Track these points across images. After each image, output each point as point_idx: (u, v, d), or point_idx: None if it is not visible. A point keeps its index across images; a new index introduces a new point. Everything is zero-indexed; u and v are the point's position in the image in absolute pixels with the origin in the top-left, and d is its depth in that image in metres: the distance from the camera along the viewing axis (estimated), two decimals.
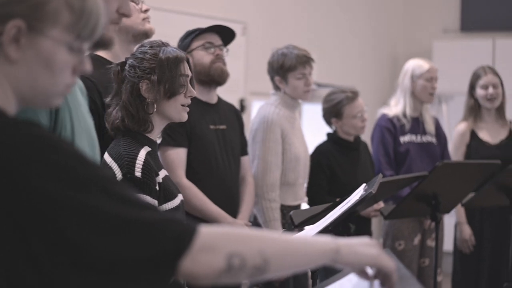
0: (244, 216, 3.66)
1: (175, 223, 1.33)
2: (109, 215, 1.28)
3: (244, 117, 6.11)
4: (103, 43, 1.87)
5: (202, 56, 3.57)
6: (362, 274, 1.53)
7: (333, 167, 4.25)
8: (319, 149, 4.37)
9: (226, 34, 3.75)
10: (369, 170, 4.37)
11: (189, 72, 2.67)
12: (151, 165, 2.49)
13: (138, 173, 2.44)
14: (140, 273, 1.30)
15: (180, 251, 1.31)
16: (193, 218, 2.90)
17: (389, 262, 1.50)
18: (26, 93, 1.37)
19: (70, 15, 1.38)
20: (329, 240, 1.47)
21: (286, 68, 4.01)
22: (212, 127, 3.59)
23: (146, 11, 2.97)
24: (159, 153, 2.89)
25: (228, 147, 3.65)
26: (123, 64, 2.62)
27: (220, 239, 1.35)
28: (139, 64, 2.59)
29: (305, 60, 4.03)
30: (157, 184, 2.49)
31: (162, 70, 2.58)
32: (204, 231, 1.34)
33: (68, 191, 1.26)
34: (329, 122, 4.38)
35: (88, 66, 1.46)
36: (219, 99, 3.74)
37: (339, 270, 1.60)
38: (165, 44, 2.66)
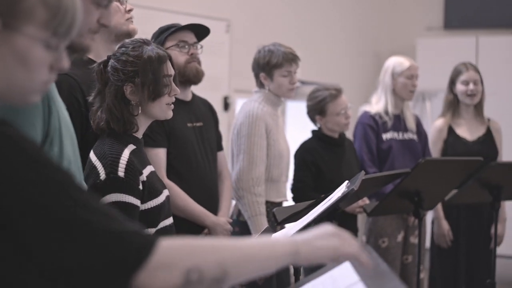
0: (224, 213, 3.66)
1: (135, 235, 1.32)
2: (65, 221, 1.27)
3: (228, 114, 6.14)
4: (80, 50, 1.85)
5: (176, 55, 3.47)
6: (334, 260, 1.54)
7: (318, 164, 4.26)
8: (304, 146, 4.39)
9: (200, 30, 3.70)
10: (354, 167, 4.39)
11: (172, 71, 2.68)
12: (135, 165, 2.51)
13: (121, 173, 2.46)
14: (93, 282, 1.29)
15: (137, 264, 1.30)
16: (176, 217, 2.90)
17: (351, 247, 1.51)
18: (1, 89, 1.37)
19: (45, 12, 1.38)
20: (288, 242, 1.47)
21: (272, 65, 4.01)
22: (189, 124, 3.58)
23: (129, 11, 2.97)
24: None
25: (206, 144, 3.64)
26: (105, 63, 2.62)
27: (179, 253, 1.35)
28: (123, 67, 2.59)
29: (291, 58, 4.04)
30: (140, 184, 2.51)
31: (146, 73, 2.59)
32: (164, 245, 1.33)
33: (28, 195, 1.26)
34: (313, 119, 4.40)
35: (65, 63, 1.45)
36: (193, 96, 3.72)
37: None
38: (146, 43, 2.66)
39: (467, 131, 4.91)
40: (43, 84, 1.44)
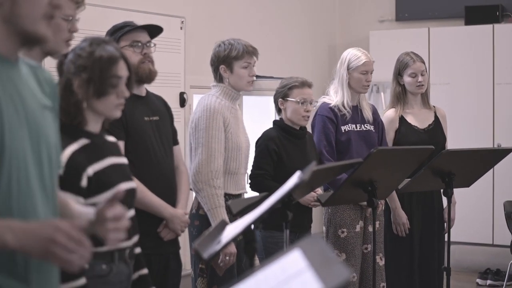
0: (182, 206, 3.71)
1: None
2: None
3: (185, 110, 6.16)
4: (36, 40, 1.85)
5: (129, 55, 3.43)
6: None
7: (280, 153, 4.32)
8: (267, 134, 4.43)
9: (153, 28, 3.74)
10: (314, 159, 4.41)
11: (123, 73, 2.71)
12: (76, 162, 2.56)
13: (60, 170, 2.49)
14: None
15: None
16: (136, 210, 2.94)
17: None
18: None
19: None
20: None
21: (233, 57, 4.07)
22: (146, 118, 3.61)
23: (74, 31, 2.99)
24: None
25: (163, 137, 3.68)
26: (65, 56, 2.67)
27: None
28: (75, 60, 2.65)
29: (251, 51, 4.12)
30: (83, 180, 2.56)
31: (93, 69, 2.65)
32: None
33: None
34: (277, 105, 4.45)
35: None
36: (147, 91, 3.75)
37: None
38: (105, 42, 2.70)
39: (417, 120, 5.00)
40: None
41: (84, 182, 2.56)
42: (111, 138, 2.83)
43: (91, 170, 2.60)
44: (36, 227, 1.70)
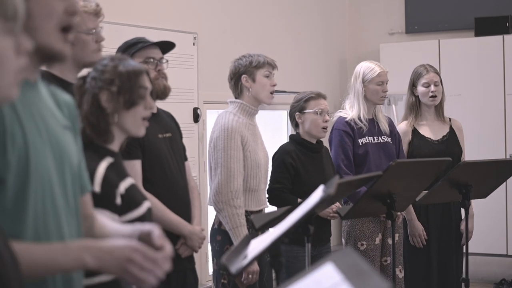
0: (198, 222, 3.73)
1: None
2: None
3: (198, 125, 6.19)
4: (52, 55, 1.85)
5: None
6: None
7: (297, 167, 4.34)
8: (284, 148, 4.46)
9: (165, 44, 3.76)
10: (331, 173, 4.43)
11: (148, 85, 2.74)
12: (110, 179, 2.56)
13: (97, 187, 2.50)
14: None
15: None
16: None
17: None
18: None
19: None
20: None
21: (255, 65, 4.12)
22: (160, 136, 3.63)
23: (98, 41, 3.06)
24: None
25: (177, 154, 3.70)
26: (85, 78, 2.69)
27: None
28: (100, 75, 2.67)
29: (271, 61, 4.20)
30: (117, 197, 2.56)
31: (122, 80, 2.66)
32: None
33: None
34: (293, 119, 4.48)
35: (28, 43, 1.48)
36: (158, 108, 3.78)
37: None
38: (125, 58, 2.73)
39: (431, 132, 5.02)
40: (17, 73, 1.45)
41: (118, 200, 2.57)
42: None
43: (122, 187, 2.61)
44: (114, 248, 1.76)
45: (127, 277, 1.78)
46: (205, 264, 6.13)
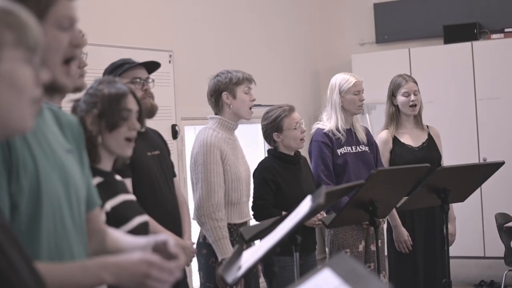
0: (188, 236, 3.81)
1: None
2: None
3: (177, 142, 6.26)
4: (56, 89, 1.93)
5: None
6: None
7: (278, 181, 4.41)
8: (263, 164, 4.53)
9: (150, 64, 3.84)
10: (311, 183, 4.54)
11: (133, 106, 2.83)
12: None
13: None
14: None
15: None
16: None
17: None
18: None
19: (11, 32, 1.48)
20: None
21: (235, 82, 4.20)
22: (149, 153, 3.70)
23: (82, 67, 3.11)
24: None
25: (165, 171, 3.77)
26: (78, 100, 2.78)
27: None
28: (88, 99, 2.77)
29: (249, 77, 4.28)
30: (102, 215, 2.64)
31: (103, 104, 2.76)
32: None
33: None
34: (269, 138, 4.54)
35: (45, 75, 1.54)
36: (146, 127, 3.85)
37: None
38: (113, 81, 2.82)
39: (411, 139, 5.12)
40: (33, 104, 1.51)
41: (103, 218, 2.64)
42: (118, 177, 2.92)
43: (108, 205, 2.70)
44: (130, 264, 1.83)
45: None
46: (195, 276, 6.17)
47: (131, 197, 2.89)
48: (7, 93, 1.48)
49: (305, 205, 2.70)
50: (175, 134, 6.20)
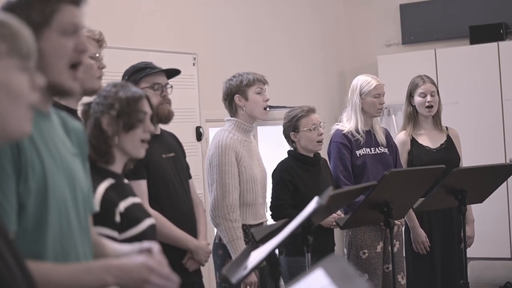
0: (204, 236, 3.87)
1: None
2: None
3: (202, 144, 6.32)
4: (63, 92, 2.00)
5: (150, 96, 3.66)
6: None
7: (296, 182, 4.46)
8: (281, 165, 4.59)
9: (171, 69, 3.90)
10: (330, 185, 4.55)
11: (148, 110, 2.92)
12: (110, 198, 2.73)
13: (96, 206, 2.65)
14: None
15: None
16: (162, 244, 3.09)
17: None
18: None
19: (4, 43, 1.56)
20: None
21: (245, 84, 4.25)
22: (164, 156, 3.77)
23: (102, 68, 3.18)
24: None
25: (181, 173, 3.84)
26: (90, 104, 2.87)
27: None
28: (103, 101, 2.85)
29: (260, 78, 4.32)
30: (117, 215, 2.73)
31: (121, 105, 2.84)
32: None
33: None
34: (288, 138, 4.60)
35: (40, 80, 1.61)
36: (161, 130, 3.91)
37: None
38: (127, 85, 2.90)
39: (429, 140, 5.13)
40: (30, 108, 1.58)
41: (117, 218, 2.72)
42: (125, 180, 2.99)
43: (122, 206, 2.76)
44: (131, 268, 1.92)
45: None
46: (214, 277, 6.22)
47: (138, 199, 2.96)
48: (5, 100, 1.55)
49: (310, 206, 2.75)
50: (199, 136, 6.26)
